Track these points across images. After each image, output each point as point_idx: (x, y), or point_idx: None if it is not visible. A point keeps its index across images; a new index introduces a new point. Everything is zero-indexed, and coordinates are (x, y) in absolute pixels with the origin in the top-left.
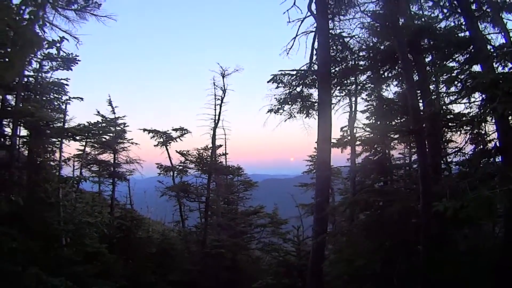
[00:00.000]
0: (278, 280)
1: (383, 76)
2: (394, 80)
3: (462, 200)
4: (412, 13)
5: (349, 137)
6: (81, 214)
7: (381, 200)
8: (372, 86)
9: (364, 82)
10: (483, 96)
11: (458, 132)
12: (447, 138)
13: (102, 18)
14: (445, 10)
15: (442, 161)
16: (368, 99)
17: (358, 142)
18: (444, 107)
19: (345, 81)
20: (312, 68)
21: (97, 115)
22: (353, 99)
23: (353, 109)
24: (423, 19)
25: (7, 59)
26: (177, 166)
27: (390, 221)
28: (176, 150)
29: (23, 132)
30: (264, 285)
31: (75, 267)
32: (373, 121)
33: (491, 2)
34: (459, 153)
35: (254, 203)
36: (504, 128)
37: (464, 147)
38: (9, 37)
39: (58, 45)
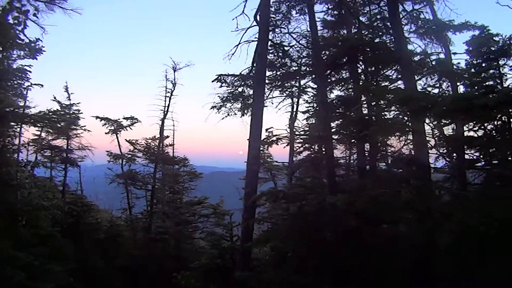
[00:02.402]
0: (212, 260)
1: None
2: (336, 84)
3: (352, 197)
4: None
5: (274, 137)
6: (36, 198)
7: (302, 193)
8: (312, 89)
9: (304, 85)
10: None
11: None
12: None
13: (68, 11)
14: (377, 30)
15: (384, 163)
16: (309, 100)
17: (300, 140)
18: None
19: (286, 84)
20: (252, 73)
21: (53, 100)
22: (295, 100)
23: (294, 110)
24: (366, 32)
25: None
26: (126, 155)
27: (308, 211)
28: (125, 139)
29: None
30: (199, 265)
31: (31, 248)
32: (313, 122)
33: (437, 21)
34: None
35: (199, 193)
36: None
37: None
38: None
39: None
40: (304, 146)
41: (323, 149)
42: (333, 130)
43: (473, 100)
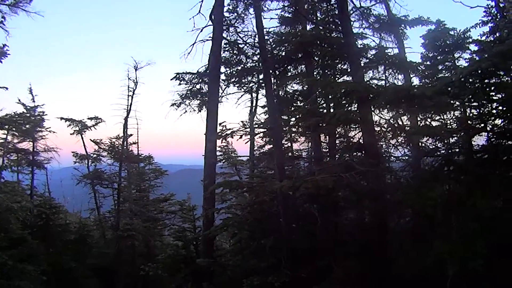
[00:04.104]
0: (177, 251)
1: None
2: (293, 79)
3: (297, 182)
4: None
5: (228, 131)
6: (5, 201)
7: (257, 182)
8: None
9: (261, 81)
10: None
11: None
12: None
13: (31, 14)
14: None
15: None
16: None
17: (260, 134)
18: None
19: (244, 80)
20: (208, 71)
21: (18, 103)
22: (254, 95)
23: (254, 104)
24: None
25: None
26: (92, 154)
27: (263, 200)
28: (90, 139)
29: None
30: (165, 257)
31: (2, 251)
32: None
33: (391, 16)
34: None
35: (167, 191)
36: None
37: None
38: None
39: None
40: (265, 140)
41: (273, 141)
42: (291, 123)
43: (410, 91)
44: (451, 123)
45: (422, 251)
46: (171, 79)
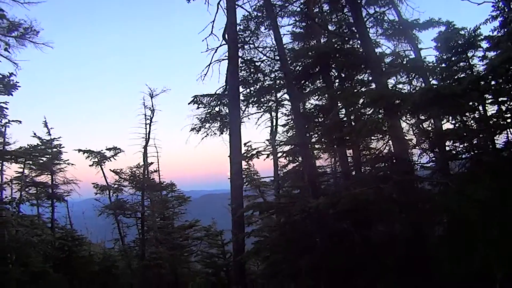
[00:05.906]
0: (207, 279)
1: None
2: (312, 94)
3: (335, 198)
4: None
5: (254, 151)
6: (25, 235)
7: (286, 202)
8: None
9: (280, 99)
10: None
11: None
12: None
13: (39, 45)
14: (345, 36)
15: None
16: (287, 113)
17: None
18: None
19: (263, 99)
20: (226, 92)
21: (33, 137)
22: (274, 114)
23: (274, 124)
24: (335, 39)
25: None
26: (112, 185)
27: (295, 219)
28: (110, 169)
29: None
30: (195, 284)
31: (23, 286)
32: (292, 134)
33: (402, 21)
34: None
35: (191, 217)
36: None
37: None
38: None
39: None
40: (288, 159)
41: (302, 157)
42: (314, 139)
43: (440, 91)
44: (472, 124)
45: (465, 257)
46: (189, 103)
